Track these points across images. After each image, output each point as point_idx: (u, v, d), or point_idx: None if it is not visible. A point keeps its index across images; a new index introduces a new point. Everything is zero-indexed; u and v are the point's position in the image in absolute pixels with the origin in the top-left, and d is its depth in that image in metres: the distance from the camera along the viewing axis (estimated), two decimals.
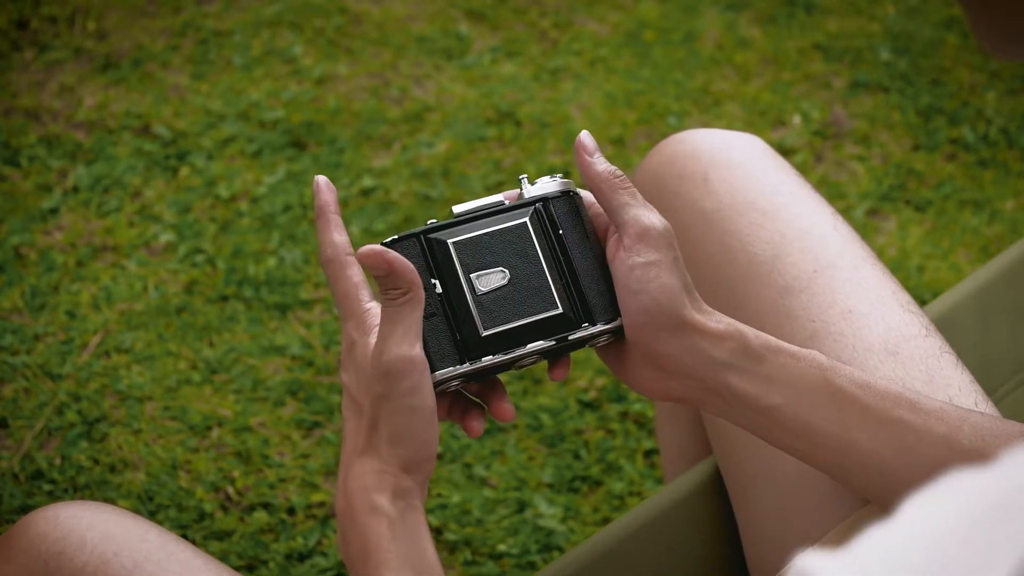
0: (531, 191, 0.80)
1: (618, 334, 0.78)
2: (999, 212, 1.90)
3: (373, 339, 0.74)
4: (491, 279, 0.77)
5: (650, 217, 0.76)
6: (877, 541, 0.41)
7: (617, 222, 0.77)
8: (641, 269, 0.75)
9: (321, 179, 0.78)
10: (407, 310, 0.72)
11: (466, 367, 0.76)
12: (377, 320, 0.75)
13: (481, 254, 0.78)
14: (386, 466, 0.73)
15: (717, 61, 2.11)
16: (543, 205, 0.79)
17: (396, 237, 0.78)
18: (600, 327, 0.78)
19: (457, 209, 0.79)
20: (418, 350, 0.72)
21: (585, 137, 0.79)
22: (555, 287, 0.78)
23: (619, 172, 0.78)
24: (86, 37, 2.10)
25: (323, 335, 1.70)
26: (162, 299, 1.74)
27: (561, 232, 0.79)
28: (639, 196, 0.77)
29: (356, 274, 0.76)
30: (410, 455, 0.73)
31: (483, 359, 0.76)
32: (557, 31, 2.16)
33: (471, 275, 0.77)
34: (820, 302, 0.93)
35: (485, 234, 0.78)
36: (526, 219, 0.79)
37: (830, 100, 2.06)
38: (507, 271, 0.78)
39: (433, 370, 0.75)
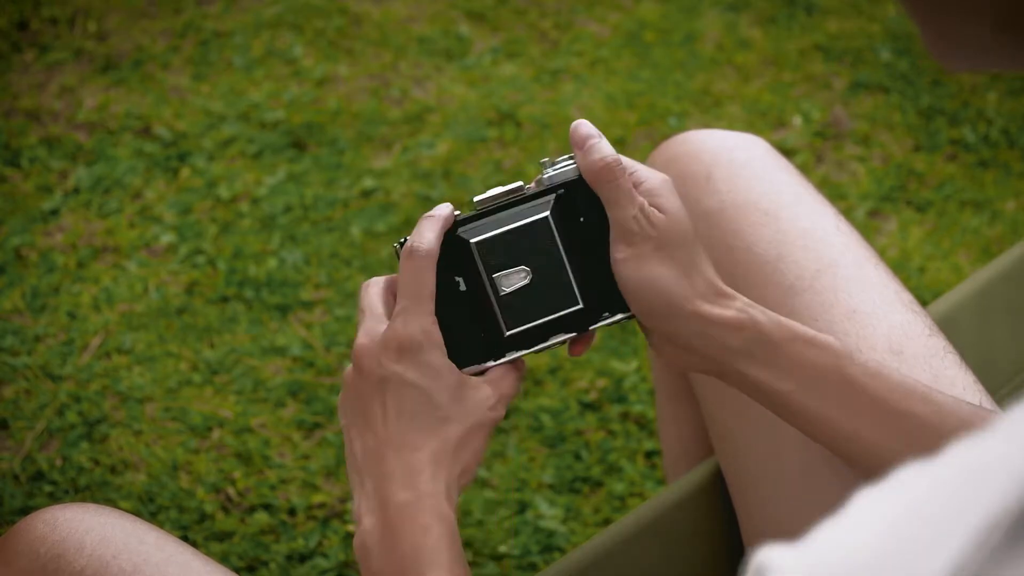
0: (551, 175, 0.79)
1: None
2: (1000, 213, 1.90)
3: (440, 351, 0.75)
4: (513, 279, 0.78)
5: (624, 212, 0.76)
6: (830, 532, 0.41)
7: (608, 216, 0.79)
8: (621, 265, 0.77)
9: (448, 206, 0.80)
10: None
11: (490, 363, 0.79)
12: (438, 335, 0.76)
13: (503, 253, 0.78)
14: (453, 472, 0.75)
15: (717, 62, 2.11)
16: (565, 191, 0.78)
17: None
18: (619, 316, 0.80)
19: (478, 199, 0.78)
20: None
21: (575, 129, 0.78)
22: (575, 281, 0.79)
23: (606, 161, 0.77)
24: (87, 38, 2.10)
25: (324, 336, 1.70)
26: (163, 300, 1.74)
27: (583, 220, 0.79)
28: (623, 187, 0.77)
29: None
30: (477, 459, 0.76)
31: (507, 355, 0.79)
32: (557, 32, 2.15)
33: (493, 275, 0.78)
34: (823, 301, 0.92)
35: (507, 232, 0.78)
36: (547, 213, 0.78)
37: (831, 101, 2.05)
38: (529, 270, 0.78)
39: (460, 366, 0.77)
